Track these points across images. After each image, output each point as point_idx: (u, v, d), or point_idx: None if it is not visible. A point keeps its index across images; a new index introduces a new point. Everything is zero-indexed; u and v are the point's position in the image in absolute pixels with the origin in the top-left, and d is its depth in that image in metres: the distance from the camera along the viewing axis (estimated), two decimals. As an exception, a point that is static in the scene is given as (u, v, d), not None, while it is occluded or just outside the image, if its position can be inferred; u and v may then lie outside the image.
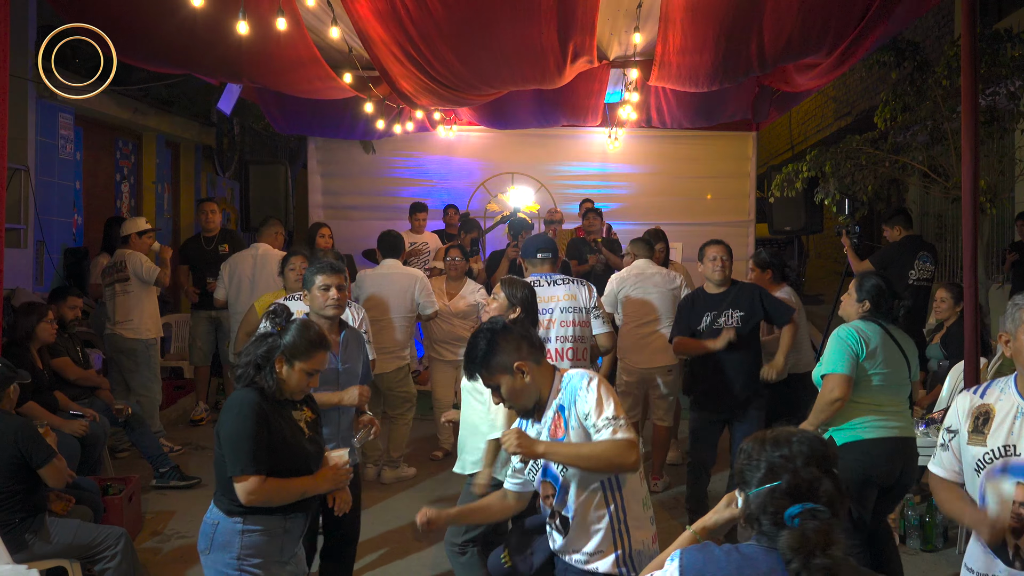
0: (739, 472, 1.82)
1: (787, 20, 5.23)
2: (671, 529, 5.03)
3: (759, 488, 1.74)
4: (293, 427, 2.88)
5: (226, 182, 12.16)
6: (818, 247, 16.06)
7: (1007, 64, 6.69)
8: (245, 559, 2.79)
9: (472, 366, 2.69)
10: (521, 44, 5.59)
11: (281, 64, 6.05)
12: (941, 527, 4.78)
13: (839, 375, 3.66)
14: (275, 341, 2.86)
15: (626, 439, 2.50)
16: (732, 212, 10.07)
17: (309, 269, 3.78)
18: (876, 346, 3.69)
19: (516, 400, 2.68)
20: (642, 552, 2.66)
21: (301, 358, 2.86)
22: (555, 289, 4.36)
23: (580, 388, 2.61)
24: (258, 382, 2.83)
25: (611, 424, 2.52)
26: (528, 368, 2.66)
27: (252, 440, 2.72)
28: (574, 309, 4.35)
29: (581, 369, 2.73)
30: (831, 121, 14.09)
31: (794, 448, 1.75)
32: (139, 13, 5.23)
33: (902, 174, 7.78)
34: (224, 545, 2.80)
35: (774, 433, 1.82)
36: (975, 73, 4.20)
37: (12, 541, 3.61)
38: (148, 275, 6.62)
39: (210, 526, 2.84)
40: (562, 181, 10.06)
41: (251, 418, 2.75)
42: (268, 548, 2.83)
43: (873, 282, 3.83)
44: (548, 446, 2.59)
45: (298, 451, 2.85)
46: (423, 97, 6.65)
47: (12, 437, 3.72)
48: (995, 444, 2.46)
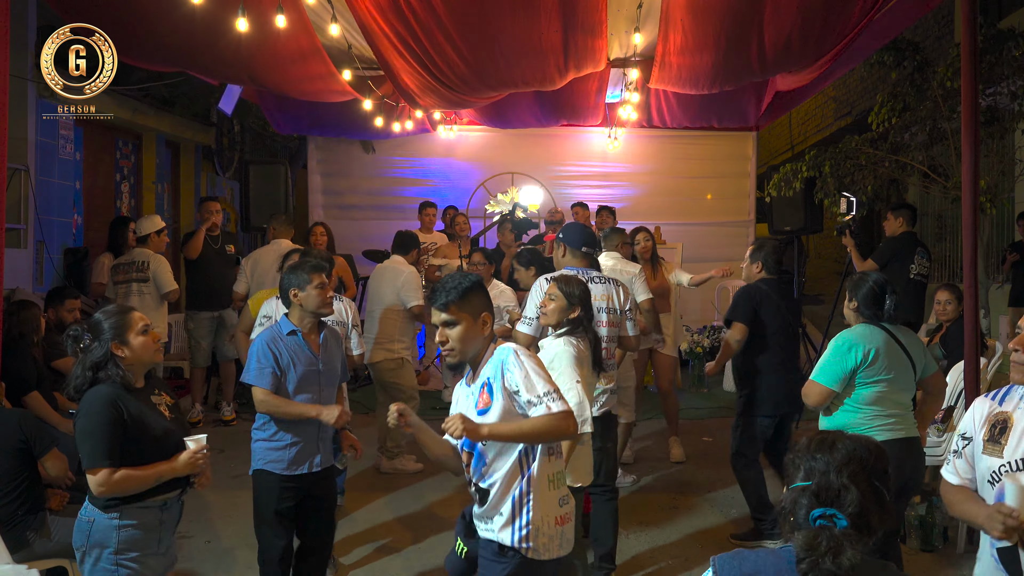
0: (785, 466, 1.83)
1: (787, 21, 5.23)
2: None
3: (793, 486, 1.76)
4: (154, 412, 2.93)
5: (226, 182, 12.16)
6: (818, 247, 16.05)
7: (1008, 64, 6.69)
8: (123, 554, 2.82)
9: (447, 294, 2.70)
10: (523, 41, 5.59)
11: (282, 59, 6.04)
12: (941, 527, 4.78)
13: (819, 385, 3.69)
14: (99, 343, 2.90)
15: (562, 411, 2.59)
16: (732, 212, 10.07)
17: (299, 270, 3.75)
18: (877, 353, 3.65)
19: (463, 345, 2.71)
20: (540, 530, 2.67)
21: (127, 329, 2.93)
22: (593, 287, 4.18)
23: (507, 362, 2.65)
24: (104, 379, 2.87)
25: (543, 400, 2.59)
26: (489, 320, 2.75)
27: (101, 432, 2.77)
28: (609, 310, 4.26)
29: (508, 344, 2.74)
30: (831, 121, 14.08)
31: (835, 454, 1.76)
32: (140, 12, 5.24)
33: (902, 174, 7.78)
34: (101, 542, 2.82)
35: (831, 435, 1.82)
36: (975, 73, 4.20)
37: (14, 539, 3.62)
38: (167, 286, 6.67)
39: (85, 523, 2.86)
40: (562, 181, 10.07)
41: (102, 412, 2.79)
42: (145, 541, 2.86)
43: (867, 287, 3.79)
44: (491, 428, 2.62)
45: (163, 435, 2.89)
46: (425, 96, 6.65)
47: (16, 423, 3.75)
48: (1013, 456, 2.30)
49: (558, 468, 2.77)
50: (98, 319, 2.97)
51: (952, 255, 10.84)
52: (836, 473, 1.73)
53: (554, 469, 2.74)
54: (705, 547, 4.81)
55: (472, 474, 2.74)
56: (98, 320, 2.96)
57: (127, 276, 6.65)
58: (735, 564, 1.75)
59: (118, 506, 2.83)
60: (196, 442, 2.93)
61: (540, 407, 2.58)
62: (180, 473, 2.90)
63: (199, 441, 2.94)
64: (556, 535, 2.71)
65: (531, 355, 2.70)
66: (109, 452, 2.77)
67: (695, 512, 5.37)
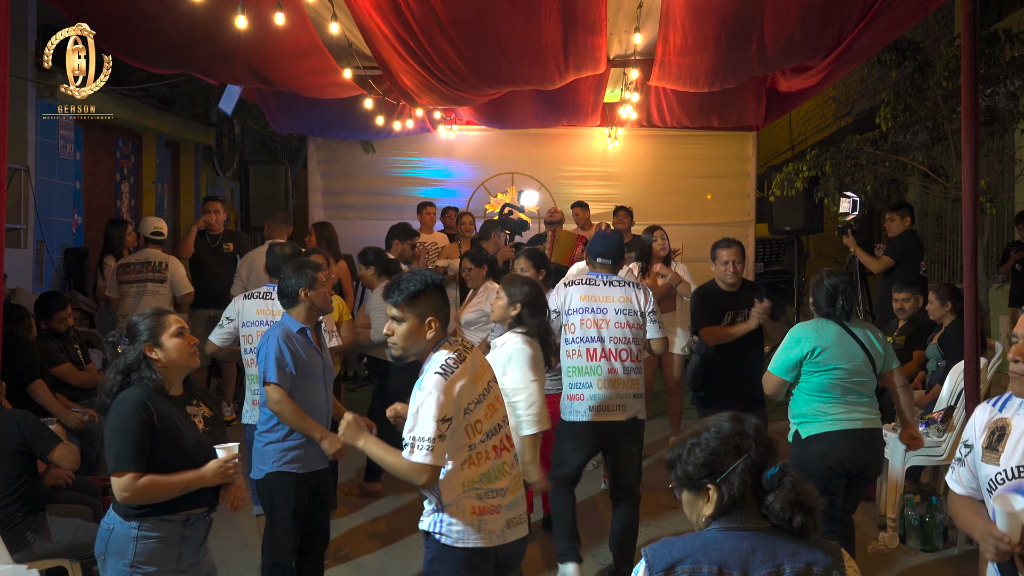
0: (700, 466, 1.84)
1: (787, 20, 5.23)
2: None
3: (732, 468, 1.81)
4: (188, 422, 2.86)
5: (226, 182, 12.17)
6: (818, 247, 16.05)
7: (1007, 64, 6.69)
8: (139, 566, 2.73)
9: (397, 291, 2.77)
10: (522, 39, 5.59)
11: (282, 55, 6.02)
12: (941, 527, 4.78)
13: (772, 376, 3.97)
14: (134, 347, 2.85)
15: (416, 465, 2.64)
16: (732, 212, 10.07)
17: (306, 269, 3.77)
18: (826, 345, 3.85)
19: (405, 342, 2.79)
20: (454, 515, 2.75)
21: (161, 331, 2.87)
22: (611, 290, 4.33)
23: (421, 382, 2.71)
24: (136, 382, 2.81)
25: (409, 444, 2.66)
26: (435, 327, 2.79)
27: (130, 436, 2.70)
28: (628, 311, 4.31)
29: (443, 357, 2.75)
30: (831, 121, 14.09)
31: (741, 426, 1.86)
32: (140, 11, 5.23)
33: (902, 174, 7.79)
34: (118, 551, 2.74)
35: (703, 423, 1.90)
36: (975, 73, 4.21)
37: (14, 539, 3.62)
38: (184, 288, 6.68)
39: (105, 531, 2.79)
40: (562, 181, 10.07)
41: (131, 415, 2.72)
42: (163, 555, 2.77)
43: (824, 288, 3.96)
44: (367, 441, 2.80)
45: (194, 447, 2.81)
46: (424, 95, 6.65)
47: (16, 425, 3.74)
48: (1009, 464, 2.28)
49: (476, 474, 2.78)
50: (134, 321, 2.91)
51: (952, 255, 10.84)
52: (757, 436, 1.84)
53: (470, 476, 2.77)
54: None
55: None
56: (134, 323, 2.91)
57: (140, 276, 6.61)
58: (665, 552, 1.81)
59: (139, 516, 2.75)
60: (227, 451, 2.83)
61: (406, 449, 2.66)
62: (208, 483, 2.81)
63: (230, 450, 2.84)
64: (473, 523, 2.76)
65: (441, 388, 2.68)
66: (136, 456, 2.69)
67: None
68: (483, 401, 2.82)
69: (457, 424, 2.71)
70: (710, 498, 1.83)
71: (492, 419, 2.85)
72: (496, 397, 2.93)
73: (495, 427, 2.86)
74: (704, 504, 1.84)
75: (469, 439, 2.76)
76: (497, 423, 2.88)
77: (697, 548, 1.78)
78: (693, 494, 1.87)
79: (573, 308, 4.29)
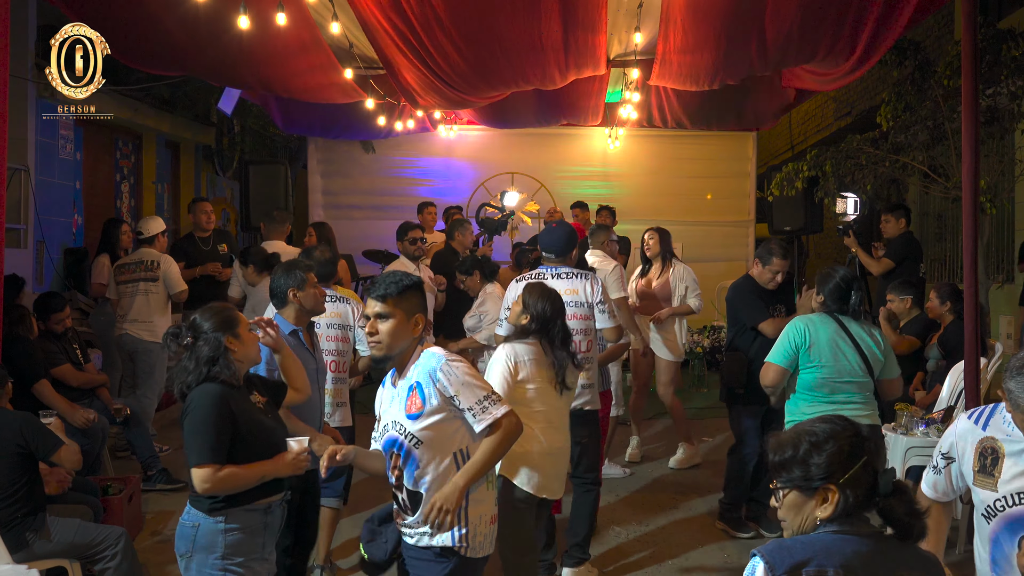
0: (821, 467, 1.80)
1: (787, 19, 5.23)
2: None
3: (855, 469, 1.79)
4: (258, 411, 2.93)
5: (226, 182, 12.17)
6: (818, 247, 16.05)
7: (1008, 64, 6.68)
8: (229, 558, 2.78)
9: (387, 287, 2.71)
10: (523, 39, 5.59)
11: (285, 55, 6.00)
12: (941, 527, 4.78)
13: (771, 364, 4.01)
14: (210, 340, 2.86)
15: (505, 417, 2.63)
16: (732, 212, 10.07)
17: (295, 269, 3.76)
18: (822, 340, 3.90)
19: (391, 340, 2.70)
20: (477, 528, 2.70)
21: (237, 323, 2.93)
22: (558, 283, 4.35)
23: (439, 369, 2.66)
24: (215, 377, 2.84)
25: (482, 406, 2.63)
26: (421, 323, 2.76)
27: (210, 430, 2.75)
28: (576, 303, 4.36)
29: (435, 349, 2.75)
30: (831, 121, 14.08)
31: (855, 427, 1.84)
32: (141, 12, 5.23)
33: (902, 174, 7.78)
34: (207, 547, 2.78)
35: (809, 424, 1.86)
36: (975, 73, 4.20)
37: (13, 539, 3.62)
38: (176, 287, 6.63)
39: (190, 528, 2.82)
40: (562, 181, 10.07)
41: (211, 409, 2.77)
42: (250, 545, 2.83)
43: (834, 282, 4.02)
44: (465, 478, 2.63)
45: (271, 433, 2.90)
46: (426, 95, 6.65)
47: (17, 428, 3.73)
48: (1008, 491, 2.25)
49: (493, 478, 2.79)
50: (199, 320, 2.94)
51: (952, 255, 10.83)
52: (867, 439, 1.82)
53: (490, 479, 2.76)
54: (705, 547, 4.81)
55: (404, 478, 2.70)
56: (200, 321, 2.93)
57: (133, 275, 6.60)
58: (784, 554, 1.75)
59: (223, 509, 2.80)
60: (299, 443, 2.91)
61: (482, 416, 2.61)
62: (283, 473, 2.87)
63: (301, 442, 2.91)
64: (489, 533, 2.75)
65: (459, 359, 2.70)
66: (216, 449, 2.74)
67: (694, 511, 5.37)
68: None
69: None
70: (829, 500, 1.79)
71: None
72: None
73: None
74: (818, 506, 1.80)
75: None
76: None
77: (819, 550, 1.75)
78: (805, 496, 1.82)
79: None
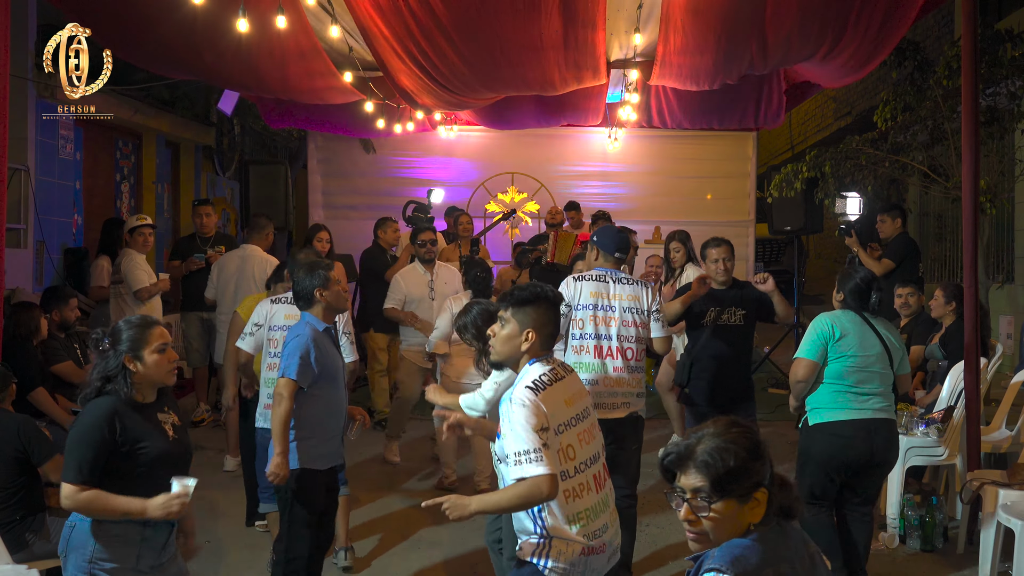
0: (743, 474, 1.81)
1: (787, 19, 5.23)
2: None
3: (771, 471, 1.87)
4: (157, 431, 2.85)
5: (226, 182, 12.17)
6: (818, 247, 16.06)
7: (1007, 64, 6.69)
8: (97, 563, 2.75)
9: (512, 298, 2.80)
10: (522, 39, 5.59)
11: (283, 59, 6.00)
12: (941, 527, 4.78)
13: (803, 359, 4.04)
14: (113, 353, 2.84)
15: (532, 479, 2.50)
16: (732, 212, 10.07)
17: (318, 269, 3.78)
18: (847, 332, 3.97)
19: (501, 346, 2.80)
20: (561, 555, 2.65)
21: (143, 345, 2.85)
22: (620, 287, 4.31)
23: (506, 400, 2.66)
24: (110, 392, 2.81)
25: (514, 462, 2.54)
26: (532, 339, 2.77)
27: (83, 448, 2.71)
28: (635, 310, 4.30)
29: (538, 371, 2.72)
30: (831, 121, 14.10)
31: (748, 427, 1.91)
32: (141, 13, 5.23)
33: (902, 174, 7.79)
34: (78, 547, 2.77)
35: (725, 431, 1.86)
36: (975, 73, 4.21)
37: (13, 540, 3.62)
38: (136, 284, 6.48)
39: (68, 528, 2.82)
40: (562, 181, 10.07)
41: (92, 427, 2.73)
42: (122, 555, 2.78)
43: (855, 281, 4.10)
44: (477, 504, 2.64)
45: (157, 457, 2.80)
46: (424, 97, 6.65)
47: (15, 431, 3.73)
48: None
49: (581, 508, 2.69)
50: (119, 327, 2.90)
51: (952, 255, 10.84)
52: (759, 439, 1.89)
53: (575, 510, 2.68)
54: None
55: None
56: (119, 329, 2.89)
57: (115, 278, 6.59)
58: (743, 563, 1.76)
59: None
60: (182, 487, 2.74)
61: (515, 469, 2.53)
62: (150, 515, 2.73)
63: (185, 487, 2.75)
64: (580, 564, 2.66)
65: (533, 401, 2.60)
66: (85, 469, 2.70)
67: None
68: (576, 426, 2.74)
69: (549, 440, 2.59)
70: (760, 502, 1.82)
71: (588, 447, 2.77)
72: (592, 424, 2.86)
73: (592, 456, 2.79)
74: (751, 510, 1.82)
75: (562, 464, 2.64)
76: (595, 452, 2.81)
77: (768, 553, 1.79)
78: (740, 503, 1.81)
79: (583, 304, 4.27)
